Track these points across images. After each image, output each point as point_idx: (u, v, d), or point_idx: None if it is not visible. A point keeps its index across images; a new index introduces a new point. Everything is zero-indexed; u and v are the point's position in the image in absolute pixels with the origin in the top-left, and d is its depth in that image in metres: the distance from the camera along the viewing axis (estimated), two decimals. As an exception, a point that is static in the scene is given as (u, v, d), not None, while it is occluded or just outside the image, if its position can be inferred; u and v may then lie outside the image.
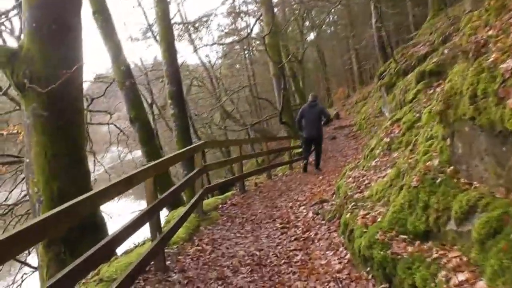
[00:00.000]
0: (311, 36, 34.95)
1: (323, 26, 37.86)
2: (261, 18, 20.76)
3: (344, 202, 4.76)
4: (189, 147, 5.17)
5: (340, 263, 3.82)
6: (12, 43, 9.58)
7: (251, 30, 23.19)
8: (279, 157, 17.31)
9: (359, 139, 16.49)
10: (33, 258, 8.44)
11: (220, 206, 6.35)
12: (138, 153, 18.30)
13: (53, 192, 5.24)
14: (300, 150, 13.44)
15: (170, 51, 10.65)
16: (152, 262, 3.65)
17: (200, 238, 4.87)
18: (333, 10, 28.61)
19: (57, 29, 5.34)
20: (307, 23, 32.15)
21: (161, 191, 10.33)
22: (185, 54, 59.58)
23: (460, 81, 2.92)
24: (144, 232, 3.98)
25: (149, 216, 3.62)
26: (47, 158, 5.24)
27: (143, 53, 76.41)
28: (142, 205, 10.55)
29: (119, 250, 4.90)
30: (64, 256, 5.17)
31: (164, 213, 6.89)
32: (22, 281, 9.65)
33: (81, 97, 5.74)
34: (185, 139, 10.52)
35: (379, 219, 3.67)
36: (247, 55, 33.81)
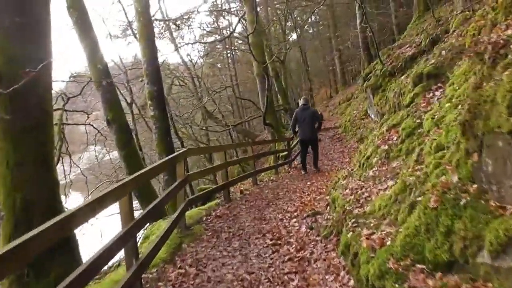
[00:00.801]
0: (294, 36, 34.67)
1: (306, 27, 37.70)
2: (244, 16, 20.30)
3: (342, 218, 4.31)
4: (170, 156, 4.64)
5: (343, 291, 3.37)
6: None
7: (234, 29, 22.64)
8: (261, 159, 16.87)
9: (344, 142, 16.17)
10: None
11: (204, 218, 5.82)
12: (116, 153, 17.69)
13: (15, 205, 4.64)
14: (285, 153, 13.03)
15: (150, 48, 10.04)
16: (128, 295, 3.13)
17: (183, 258, 4.35)
18: (316, 10, 28.36)
19: (21, 22, 4.74)
20: (289, 23, 31.82)
21: (141, 199, 9.81)
22: (166, 53, 58.57)
23: (492, 87, 2.49)
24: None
25: (124, 241, 3.10)
26: (9, 167, 4.64)
27: (123, 51, 74.96)
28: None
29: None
30: (27, 278, 4.58)
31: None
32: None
33: (50, 98, 5.15)
34: (166, 141, 9.93)
35: (388, 242, 3.23)
36: (229, 55, 33.32)
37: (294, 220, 5.53)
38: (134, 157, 9.78)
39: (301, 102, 10.89)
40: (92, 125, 18.90)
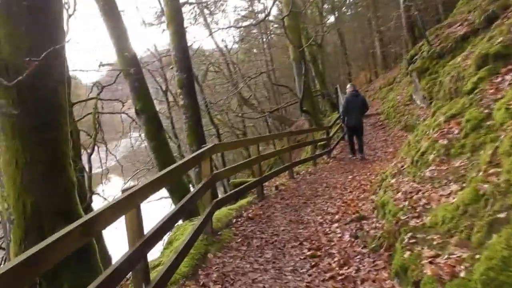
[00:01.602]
0: (331, 18, 33.26)
1: (344, 8, 36.11)
2: (279, -1, 19.45)
3: (396, 230, 3.60)
4: (192, 155, 4.05)
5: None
6: None
7: (269, 12, 21.77)
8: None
9: (387, 130, 15.15)
10: None
11: (234, 220, 5.23)
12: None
13: (26, 208, 4.21)
14: (323, 142, 12.28)
15: (179, 34, 9.49)
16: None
17: (207, 272, 3.78)
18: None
19: (29, 5, 4.25)
20: (326, 5, 30.47)
21: (172, 193, 9.40)
22: (201, 39, 58.24)
23: None
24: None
25: (130, 264, 2.55)
26: (19, 167, 4.20)
27: (158, 38, 75.41)
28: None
29: None
30: (40, 288, 4.18)
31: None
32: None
33: (63, 91, 4.66)
34: (196, 132, 9.44)
35: (461, 273, 2.51)
36: (264, 39, 32.48)
37: (336, 225, 4.85)
38: (163, 149, 9.35)
39: (349, 88, 10.91)
40: (127, 114, 18.82)
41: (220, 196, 9.50)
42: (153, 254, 4.57)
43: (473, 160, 3.95)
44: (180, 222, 5.80)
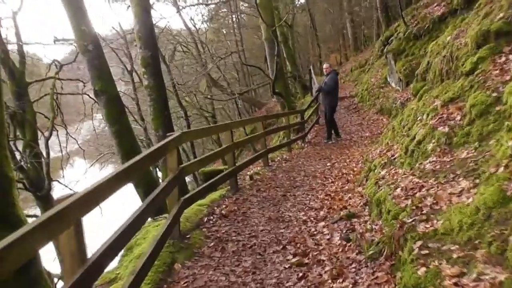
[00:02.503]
0: (301, -1, 32.52)
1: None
2: (251, -26, 18.48)
3: (400, 235, 3.02)
4: (154, 147, 3.29)
5: None
6: None
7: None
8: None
9: (362, 113, 14.74)
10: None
11: (206, 219, 4.54)
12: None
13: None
14: (297, 127, 11.73)
15: (142, 6, 8.54)
16: None
17: (174, 288, 3.11)
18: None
19: None
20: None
21: (138, 188, 8.54)
22: (168, 16, 56.08)
23: None
24: None
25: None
26: None
27: (124, 17, 72.30)
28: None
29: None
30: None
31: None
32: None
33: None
34: (163, 115, 8.60)
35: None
36: (234, 19, 31.39)
37: (322, 224, 4.25)
38: (126, 134, 8.46)
39: (329, 68, 11.01)
40: (88, 95, 17.58)
41: (190, 189, 8.82)
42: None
43: (483, 151, 3.41)
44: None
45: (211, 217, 4.60)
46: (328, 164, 7.81)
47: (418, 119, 5.23)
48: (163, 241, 3.42)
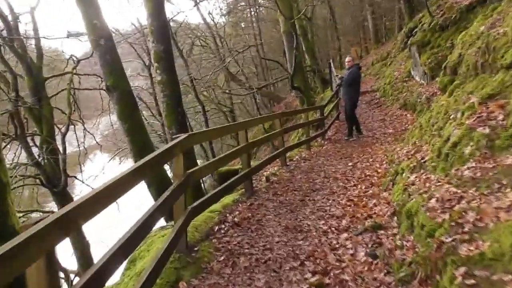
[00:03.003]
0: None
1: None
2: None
3: (437, 257, 2.59)
4: (159, 150, 2.91)
5: None
6: None
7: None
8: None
9: (384, 108, 14.14)
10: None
11: (216, 228, 4.17)
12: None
13: None
14: (316, 123, 11.27)
15: (155, -1, 8.22)
16: None
17: (177, 313, 2.75)
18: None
19: None
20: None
21: (150, 187, 8.26)
22: (186, 10, 55.79)
23: None
24: None
25: None
26: None
27: (142, 9, 72.30)
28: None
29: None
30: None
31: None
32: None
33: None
34: (176, 112, 8.28)
35: None
36: (253, 12, 30.91)
37: (345, 235, 3.83)
38: (138, 131, 8.18)
39: (352, 61, 10.61)
40: (105, 90, 17.43)
41: (208, 186, 8.48)
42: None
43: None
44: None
45: (223, 226, 4.23)
46: (350, 164, 7.36)
47: (451, 117, 4.73)
48: (167, 255, 3.07)
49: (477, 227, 2.66)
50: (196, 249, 3.60)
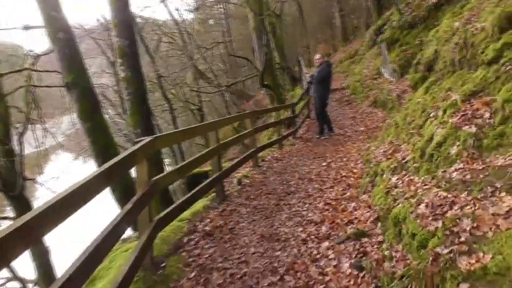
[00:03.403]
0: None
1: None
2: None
3: (434, 272, 2.33)
4: (119, 157, 2.53)
5: None
6: None
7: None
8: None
9: (355, 106, 14.07)
10: None
11: (186, 239, 3.80)
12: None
13: None
14: (288, 122, 11.03)
15: (117, -11, 7.71)
16: None
17: None
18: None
19: None
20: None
21: (115, 194, 7.74)
22: (152, 5, 54.47)
23: None
24: None
25: None
26: None
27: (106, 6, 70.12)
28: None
29: None
30: None
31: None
32: None
33: None
34: (140, 111, 7.81)
35: None
36: (221, 9, 30.42)
37: (326, 244, 3.54)
38: (101, 132, 7.67)
39: (321, 59, 10.29)
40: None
41: (173, 191, 8.07)
42: None
43: (528, 159, 2.75)
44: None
45: (193, 236, 3.86)
46: (324, 163, 7.12)
47: (431, 115, 4.54)
48: (131, 276, 2.69)
49: (474, 236, 2.42)
50: (163, 265, 3.23)
